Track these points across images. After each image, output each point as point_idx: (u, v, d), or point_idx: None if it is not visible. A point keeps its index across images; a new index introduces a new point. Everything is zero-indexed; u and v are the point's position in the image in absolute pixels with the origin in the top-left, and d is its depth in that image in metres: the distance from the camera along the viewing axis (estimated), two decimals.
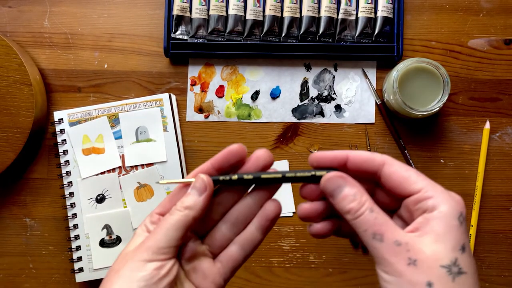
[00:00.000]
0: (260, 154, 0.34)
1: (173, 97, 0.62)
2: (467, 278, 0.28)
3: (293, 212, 0.61)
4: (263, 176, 0.33)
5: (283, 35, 0.61)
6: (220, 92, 0.62)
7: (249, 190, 0.35)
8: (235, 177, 0.33)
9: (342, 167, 0.33)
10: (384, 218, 0.30)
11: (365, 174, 0.32)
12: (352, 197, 0.31)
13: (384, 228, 0.29)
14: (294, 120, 0.62)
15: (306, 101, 0.62)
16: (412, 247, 0.28)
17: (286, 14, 0.61)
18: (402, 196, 0.31)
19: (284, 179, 0.33)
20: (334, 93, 0.62)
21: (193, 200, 0.32)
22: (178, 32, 0.61)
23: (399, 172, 0.31)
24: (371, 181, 0.33)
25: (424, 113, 0.55)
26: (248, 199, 0.35)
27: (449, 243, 0.28)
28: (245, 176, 0.33)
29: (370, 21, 0.61)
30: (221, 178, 0.34)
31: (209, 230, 0.35)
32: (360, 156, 0.32)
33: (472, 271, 0.28)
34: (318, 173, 0.33)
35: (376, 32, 0.61)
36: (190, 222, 0.32)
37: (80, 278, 0.60)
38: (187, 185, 0.34)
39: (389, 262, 0.29)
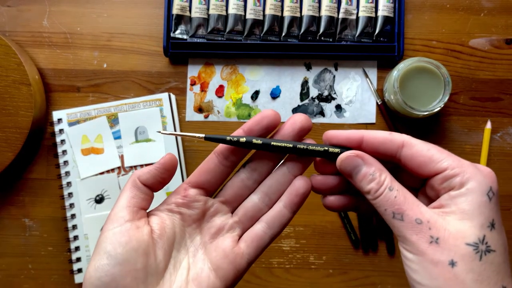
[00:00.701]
0: (297, 118, 0.32)
1: (173, 97, 0.61)
2: (496, 256, 0.26)
3: None
4: (273, 143, 0.32)
5: (283, 34, 0.61)
6: (220, 92, 0.62)
7: (283, 161, 0.34)
8: (243, 139, 0.32)
9: (357, 148, 0.31)
10: (405, 196, 0.29)
11: (383, 157, 0.31)
12: (370, 176, 0.30)
13: (405, 206, 0.28)
14: None
15: (306, 101, 0.62)
16: (434, 225, 0.27)
17: (286, 14, 0.60)
18: (426, 176, 0.29)
19: (294, 150, 0.32)
20: (335, 93, 0.62)
21: (148, 168, 0.33)
22: (178, 31, 0.61)
23: (420, 152, 0.29)
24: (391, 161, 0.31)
25: (425, 113, 0.55)
26: (283, 169, 0.33)
27: (477, 220, 0.27)
28: (254, 140, 0.32)
29: (371, 21, 0.60)
30: (228, 138, 0.33)
31: (242, 201, 0.34)
32: (376, 138, 0.31)
33: (502, 250, 0.27)
34: (331, 149, 0.32)
35: (376, 31, 0.60)
36: (139, 185, 0.33)
37: (79, 278, 0.59)
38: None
39: (410, 240, 0.27)
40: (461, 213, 0.27)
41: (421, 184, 0.32)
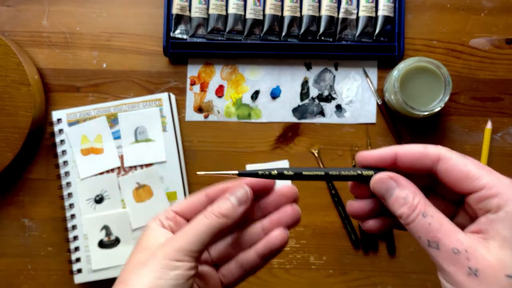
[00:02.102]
0: (285, 191, 0.34)
1: (173, 97, 0.61)
2: None
3: None
4: (305, 172, 0.32)
5: (283, 34, 0.61)
6: (219, 91, 0.62)
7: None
8: (274, 172, 0.32)
9: (392, 166, 0.30)
10: (440, 222, 0.27)
11: (419, 171, 0.29)
12: (402, 200, 0.28)
13: (440, 234, 0.26)
14: (294, 120, 0.61)
15: (306, 100, 0.62)
16: (472, 254, 0.25)
17: (287, 13, 0.60)
18: (463, 193, 0.28)
19: (327, 176, 0.31)
20: (335, 93, 0.62)
21: (232, 209, 0.31)
22: (178, 31, 0.61)
23: (456, 167, 0.28)
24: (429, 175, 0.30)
25: (425, 113, 0.55)
26: (258, 224, 0.34)
27: None
28: (286, 172, 0.32)
29: (371, 20, 0.60)
30: (260, 172, 0.33)
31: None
32: (410, 154, 0.29)
33: None
34: (365, 172, 0.31)
35: (377, 31, 0.60)
36: (223, 230, 0.31)
37: (78, 279, 0.59)
38: (211, 194, 0.34)
39: (447, 271, 0.26)
40: (501, 240, 0.25)
41: (461, 197, 0.29)
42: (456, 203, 0.31)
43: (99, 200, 0.60)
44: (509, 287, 0.24)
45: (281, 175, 0.32)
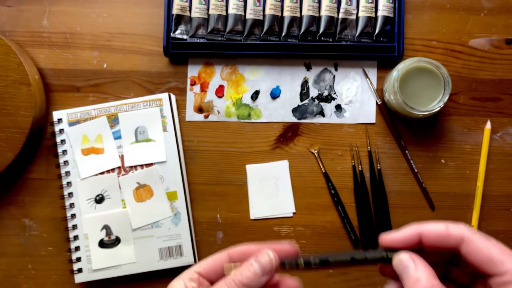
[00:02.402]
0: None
1: (173, 97, 0.61)
2: None
3: (293, 213, 0.61)
4: (331, 259, 0.32)
5: (283, 34, 0.61)
6: (220, 92, 0.62)
7: None
8: (301, 261, 0.33)
9: (417, 246, 0.31)
10: None
11: (444, 250, 0.30)
12: (415, 279, 0.29)
13: None
14: (294, 120, 0.62)
15: (306, 101, 0.62)
16: None
17: (286, 14, 0.60)
18: (485, 274, 0.29)
19: (353, 261, 0.32)
20: (335, 93, 0.62)
21: (254, 279, 0.30)
22: (178, 31, 0.61)
23: (480, 250, 0.29)
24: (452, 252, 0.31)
25: (425, 113, 0.55)
26: None
27: None
28: (312, 260, 0.33)
29: (371, 21, 0.60)
30: (286, 263, 0.33)
31: None
32: (434, 235, 0.30)
33: None
34: (390, 254, 0.31)
35: (376, 31, 0.60)
36: None
37: (79, 278, 0.59)
38: (235, 255, 0.33)
39: None
40: None
41: (472, 281, 0.31)
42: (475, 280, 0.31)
43: (99, 199, 0.60)
44: None
45: (307, 264, 0.33)
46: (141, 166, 0.60)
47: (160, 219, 0.60)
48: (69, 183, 0.60)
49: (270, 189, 0.61)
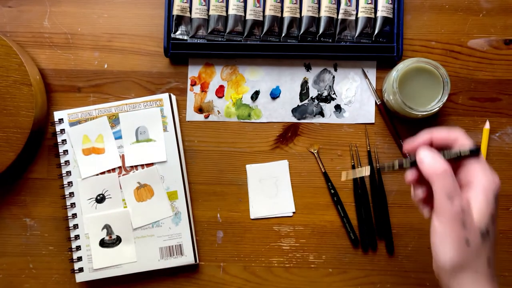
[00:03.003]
0: None
1: (173, 97, 0.62)
2: (489, 239, 0.38)
3: (293, 212, 0.61)
4: (405, 165, 0.43)
5: (283, 35, 0.61)
6: (220, 92, 0.62)
7: None
8: (396, 164, 0.44)
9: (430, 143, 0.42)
10: (457, 185, 0.38)
11: (447, 146, 0.41)
12: (436, 161, 0.39)
13: (456, 192, 0.38)
14: (294, 120, 0.62)
15: (306, 101, 0.62)
16: (467, 213, 0.37)
17: (286, 14, 0.61)
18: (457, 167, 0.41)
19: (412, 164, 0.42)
20: (334, 93, 0.62)
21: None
22: (178, 32, 0.61)
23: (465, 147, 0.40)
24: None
25: (424, 113, 0.55)
26: None
27: (486, 213, 0.38)
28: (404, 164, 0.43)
29: (370, 21, 0.61)
30: (386, 166, 0.45)
31: None
32: (440, 137, 0.41)
33: (493, 236, 0.39)
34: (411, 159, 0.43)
35: (376, 32, 0.61)
36: None
37: (80, 278, 0.60)
38: None
39: (449, 219, 0.38)
40: (480, 204, 0.38)
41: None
42: None
43: (100, 199, 0.60)
44: (478, 236, 0.38)
45: (400, 166, 0.43)
46: (142, 166, 0.60)
47: (160, 219, 0.60)
48: (70, 183, 0.60)
49: (270, 189, 0.61)
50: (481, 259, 0.38)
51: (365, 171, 0.46)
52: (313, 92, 0.62)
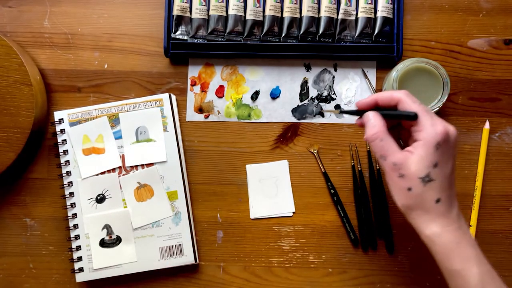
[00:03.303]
0: None
1: (173, 97, 0.62)
2: (435, 183, 0.44)
3: (293, 212, 0.61)
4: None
5: (283, 35, 0.61)
6: (220, 92, 0.62)
7: None
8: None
9: (375, 106, 0.48)
10: (389, 145, 0.45)
11: (390, 107, 0.47)
12: (371, 127, 0.46)
13: (387, 152, 0.45)
14: (294, 120, 0.62)
15: (306, 101, 0.62)
16: (403, 166, 0.44)
17: (286, 14, 0.61)
18: (408, 126, 0.47)
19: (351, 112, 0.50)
20: (334, 93, 0.62)
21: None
22: (178, 32, 0.62)
23: (408, 108, 0.45)
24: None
25: None
26: None
27: (426, 162, 0.43)
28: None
29: (370, 21, 0.61)
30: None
31: None
32: (384, 98, 0.47)
33: (440, 179, 0.44)
34: (361, 112, 0.49)
35: (376, 32, 0.61)
36: None
37: (80, 278, 0.60)
38: None
39: (389, 174, 0.45)
40: (418, 157, 0.43)
41: (408, 135, 0.48)
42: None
43: (100, 199, 0.60)
44: (418, 183, 0.44)
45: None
46: (142, 166, 0.60)
47: (160, 219, 0.60)
48: (70, 183, 0.60)
49: (270, 188, 0.61)
50: (427, 200, 0.44)
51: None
52: (313, 92, 0.62)
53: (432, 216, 0.44)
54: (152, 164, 0.60)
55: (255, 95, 0.62)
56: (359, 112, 0.49)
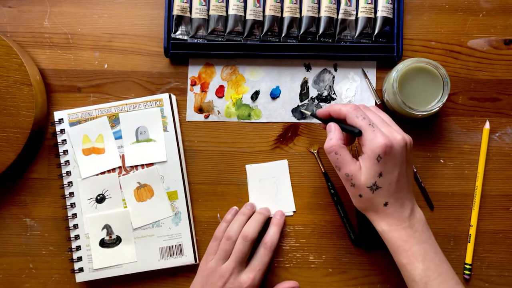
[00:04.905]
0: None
1: (173, 97, 0.62)
2: (382, 190, 0.49)
3: (293, 212, 0.61)
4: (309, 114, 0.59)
5: (283, 35, 0.61)
6: (220, 92, 0.62)
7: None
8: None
9: (329, 117, 0.54)
10: (343, 158, 0.50)
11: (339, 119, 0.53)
12: (329, 139, 0.51)
13: (341, 164, 0.50)
14: (294, 120, 0.62)
15: (306, 101, 0.62)
16: (354, 176, 0.49)
17: (286, 14, 0.61)
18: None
19: (313, 115, 0.57)
20: (334, 93, 0.62)
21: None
22: (178, 32, 0.62)
23: (353, 123, 0.50)
24: None
25: (424, 113, 0.55)
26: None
27: (371, 173, 0.48)
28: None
29: (370, 21, 0.61)
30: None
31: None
32: (333, 111, 0.52)
33: (386, 186, 0.49)
34: (326, 121, 0.54)
35: (376, 32, 0.61)
36: None
37: (80, 278, 0.60)
38: None
39: (344, 183, 0.51)
40: (365, 169, 0.49)
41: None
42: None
43: (100, 199, 0.60)
44: (366, 191, 0.49)
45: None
46: (142, 166, 0.60)
47: (160, 219, 0.60)
48: (70, 183, 0.60)
49: (270, 189, 0.61)
50: (376, 204, 0.49)
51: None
52: (313, 92, 0.62)
53: (381, 216, 0.50)
54: (152, 164, 0.60)
55: (255, 95, 0.62)
56: (324, 119, 0.54)
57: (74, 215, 0.60)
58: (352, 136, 0.52)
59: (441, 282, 0.48)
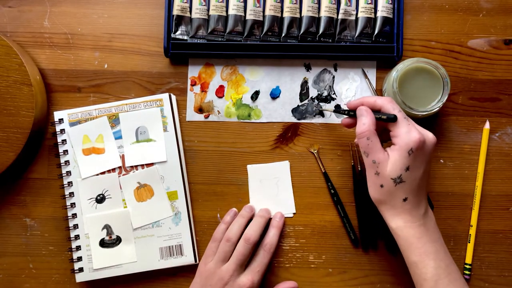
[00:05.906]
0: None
1: (173, 97, 0.62)
2: (405, 184, 0.49)
3: (293, 213, 0.61)
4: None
5: (283, 35, 0.61)
6: (220, 92, 0.62)
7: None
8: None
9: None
10: (373, 144, 0.50)
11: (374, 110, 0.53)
12: (362, 124, 0.51)
13: (371, 150, 0.50)
14: (294, 120, 0.62)
15: (306, 101, 0.62)
16: (380, 165, 0.49)
17: (286, 14, 0.61)
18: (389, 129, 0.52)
19: (338, 110, 0.57)
20: (334, 93, 0.62)
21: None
22: (178, 32, 0.62)
23: (388, 112, 0.51)
24: None
25: (424, 113, 0.55)
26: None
27: (399, 165, 0.48)
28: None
29: (370, 21, 0.61)
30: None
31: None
32: (369, 102, 0.52)
33: (410, 181, 0.49)
34: (352, 112, 0.55)
35: (376, 32, 0.61)
36: None
37: (80, 278, 0.60)
38: None
39: (368, 169, 0.51)
40: (393, 160, 0.49)
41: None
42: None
43: (100, 199, 0.60)
44: (390, 182, 0.49)
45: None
46: (142, 166, 0.60)
47: (160, 219, 0.60)
48: (70, 183, 0.60)
49: (270, 189, 0.61)
50: (396, 198, 0.49)
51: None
52: (313, 92, 0.62)
53: (397, 211, 0.50)
54: (152, 164, 0.60)
55: (255, 95, 0.62)
56: (351, 112, 0.54)
57: (74, 215, 0.60)
58: (386, 122, 0.51)
59: (451, 281, 0.48)
